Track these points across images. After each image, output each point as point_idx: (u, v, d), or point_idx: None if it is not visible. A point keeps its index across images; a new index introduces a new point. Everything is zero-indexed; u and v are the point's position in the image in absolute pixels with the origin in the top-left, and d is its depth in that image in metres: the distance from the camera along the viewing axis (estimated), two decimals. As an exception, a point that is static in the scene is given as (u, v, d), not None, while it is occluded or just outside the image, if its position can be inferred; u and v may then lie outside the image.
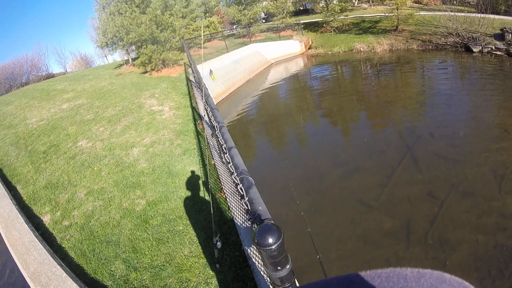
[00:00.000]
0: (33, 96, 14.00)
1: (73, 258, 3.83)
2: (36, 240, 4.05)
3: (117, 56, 28.95)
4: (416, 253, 3.81)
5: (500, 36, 12.24)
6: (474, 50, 12.44)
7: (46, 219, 4.77)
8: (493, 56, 11.62)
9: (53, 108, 10.89)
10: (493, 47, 12.03)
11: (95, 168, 6.03)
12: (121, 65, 19.69)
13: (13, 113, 11.48)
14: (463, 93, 8.53)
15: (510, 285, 3.19)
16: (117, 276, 3.39)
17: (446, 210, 4.33)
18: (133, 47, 16.69)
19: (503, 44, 11.75)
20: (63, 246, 4.09)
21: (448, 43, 13.95)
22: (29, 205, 5.21)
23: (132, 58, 19.03)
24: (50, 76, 24.65)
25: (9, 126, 9.80)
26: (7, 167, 6.82)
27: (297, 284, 1.82)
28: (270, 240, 1.32)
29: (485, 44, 12.33)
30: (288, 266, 1.49)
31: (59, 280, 3.29)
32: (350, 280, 0.35)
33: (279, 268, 1.46)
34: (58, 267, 3.50)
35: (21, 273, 3.61)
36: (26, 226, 4.38)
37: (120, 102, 10.31)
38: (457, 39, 13.62)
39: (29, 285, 3.39)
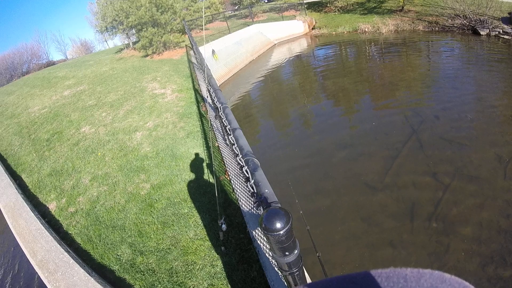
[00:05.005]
0: (34, 84, 13.90)
1: (80, 244, 3.82)
2: (43, 227, 4.04)
3: (118, 40, 28.50)
4: (419, 236, 3.74)
5: (508, 20, 11.72)
6: (482, 33, 11.95)
7: (52, 206, 4.76)
8: (500, 40, 11.13)
9: (54, 96, 10.81)
10: (501, 30, 11.52)
11: (99, 154, 5.98)
12: (121, 49, 19.42)
13: (15, 102, 11.43)
14: (469, 76, 8.20)
15: None
16: (123, 261, 3.37)
17: (451, 194, 4.23)
18: (133, 30, 16.41)
19: (511, 28, 11.27)
20: (70, 232, 4.08)
21: (455, 25, 13.40)
22: (34, 193, 5.21)
23: (132, 42, 18.75)
24: (50, 63, 24.50)
25: (11, 116, 9.77)
26: (11, 156, 6.82)
27: (304, 269, 1.75)
28: (278, 225, 1.22)
29: (493, 27, 11.83)
30: (296, 251, 1.40)
31: (66, 267, 3.29)
32: (350, 280, 0.35)
33: (287, 253, 1.37)
34: (65, 253, 3.49)
35: (29, 261, 3.62)
36: (32, 214, 4.37)
37: (122, 87, 10.18)
38: (464, 21, 13.07)
39: (37, 273, 3.40)
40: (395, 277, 0.33)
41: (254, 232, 2.99)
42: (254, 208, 3.10)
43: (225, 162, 4.64)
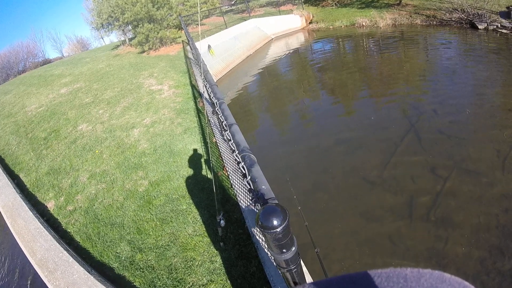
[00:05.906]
0: (31, 83, 13.81)
1: (79, 242, 3.82)
2: (42, 226, 4.03)
3: (114, 37, 28.45)
4: (418, 230, 3.74)
5: (506, 14, 11.67)
6: (479, 27, 11.92)
7: (51, 205, 4.75)
8: (498, 34, 11.08)
9: (51, 94, 10.74)
10: (499, 24, 11.48)
11: (97, 151, 5.96)
12: (118, 46, 19.31)
13: (12, 101, 11.36)
14: (468, 70, 8.15)
15: (510, 267, 3.12)
16: (122, 258, 3.37)
17: (449, 188, 4.23)
18: (129, 27, 16.29)
19: (509, 22, 11.20)
20: (69, 231, 4.08)
21: (453, 19, 13.36)
22: (32, 192, 5.19)
23: (129, 38, 18.62)
24: (46, 61, 24.34)
25: (8, 115, 9.71)
26: (9, 156, 6.79)
27: (303, 265, 1.74)
28: (275, 222, 1.20)
29: (491, 21, 11.81)
30: (293, 248, 1.39)
31: (66, 265, 3.28)
32: (350, 279, 0.35)
33: (284, 250, 1.35)
34: (65, 252, 3.49)
35: (28, 261, 3.61)
36: (31, 213, 4.36)
37: (119, 83, 10.13)
38: (462, 15, 13.03)
39: (36, 272, 3.39)
40: (395, 277, 0.33)
41: (252, 228, 2.99)
42: (252, 205, 3.09)
43: (223, 157, 4.63)
